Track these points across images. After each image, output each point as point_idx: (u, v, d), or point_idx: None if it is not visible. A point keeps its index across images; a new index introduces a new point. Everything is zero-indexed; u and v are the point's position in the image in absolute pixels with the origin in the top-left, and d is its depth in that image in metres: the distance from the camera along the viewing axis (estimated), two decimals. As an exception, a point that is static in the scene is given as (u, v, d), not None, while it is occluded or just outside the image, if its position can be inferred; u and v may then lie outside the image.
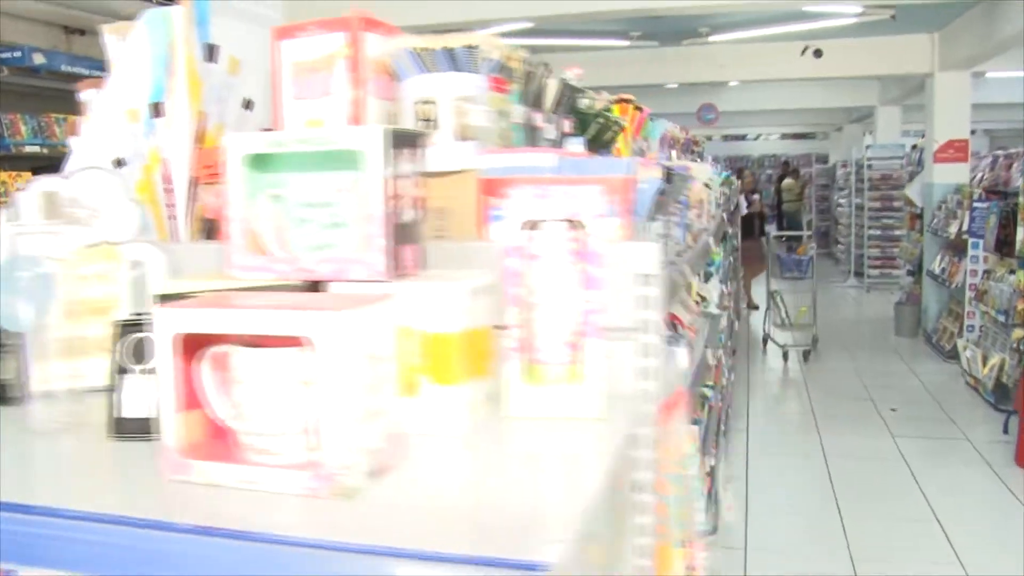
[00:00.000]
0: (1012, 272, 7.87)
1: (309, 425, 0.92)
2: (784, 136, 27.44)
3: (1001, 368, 7.47)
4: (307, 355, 0.90)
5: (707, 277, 4.13)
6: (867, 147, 14.76)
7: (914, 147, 11.89)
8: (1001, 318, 7.41)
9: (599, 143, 2.39)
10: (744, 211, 13.40)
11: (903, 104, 14.88)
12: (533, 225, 1.16)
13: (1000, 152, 10.83)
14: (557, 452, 1.11)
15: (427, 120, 1.41)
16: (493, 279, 1.19)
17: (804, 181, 21.73)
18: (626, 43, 9.98)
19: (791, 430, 7.24)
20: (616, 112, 2.94)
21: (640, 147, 3.40)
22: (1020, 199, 6.84)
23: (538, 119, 1.89)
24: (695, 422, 3.37)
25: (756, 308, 11.25)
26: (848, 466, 6.26)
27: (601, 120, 2.37)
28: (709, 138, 28.15)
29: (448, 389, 1.11)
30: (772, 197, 21.26)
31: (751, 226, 11.25)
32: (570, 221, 1.16)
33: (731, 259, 7.37)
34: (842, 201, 17.18)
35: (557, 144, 2.06)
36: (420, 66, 1.43)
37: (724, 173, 4.72)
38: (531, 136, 1.88)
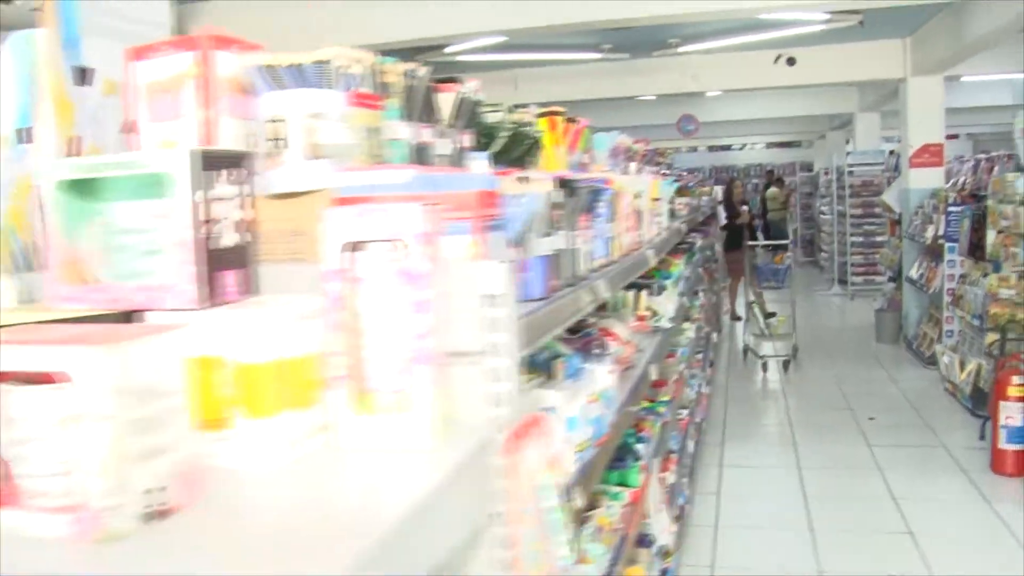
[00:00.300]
0: (987, 276, 7.84)
1: (73, 466, 0.86)
2: (769, 145, 27.48)
3: (978, 373, 7.42)
4: (68, 392, 0.84)
5: (660, 290, 4.07)
6: (847, 154, 14.77)
7: (891, 153, 11.89)
8: (976, 323, 7.37)
9: (510, 158, 2.34)
10: (723, 221, 13.39)
11: (881, 110, 14.91)
12: (355, 246, 1.10)
13: (982, 156, 10.85)
14: (365, 485, 1.05)
15: (277, 139, 1.36)
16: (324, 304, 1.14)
17: (789, 190, 21.73)
18: (597, 56, 9.96)
19: (767, 442, 7.18)
20: (543, 125, 2.89)
21: (579, 160, 3.35)
22: (990, 202, 6.81)
23: (426, 135, 1.83)
24: (639, 440, 3.31)
25: (739, 319, 11.16)
26: (823, 478, 6.20)
27: (509, 134, 2.31)
28: (694, 149, 28.24)
29: (262, 422, 1.05)
30: (758, 207, 21.24)
31: (739, 237, 11.20)
32: (398, 241, 1.11)
33: (701, 270, 7.33)
34: (824, 209, 17.17)
35: (456, 161, 2.01)
36: (269, 83, 1.38)
37: (677, 184, 4.65)
38: (420, 153, 1.82)
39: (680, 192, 5.78)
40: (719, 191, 14.06)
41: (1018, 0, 6.36)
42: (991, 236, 6.73)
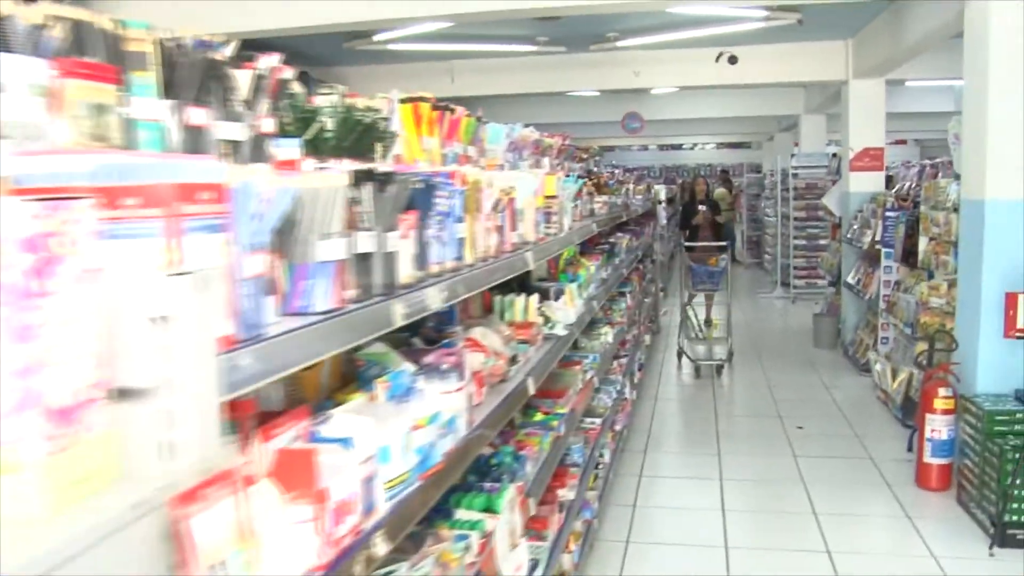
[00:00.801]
0: (920, 283, 7.67)
1: None
2: (720, 146, 27.43)
3: (909, 383, 7.24)
4: None
5: (558, 295, 3.78)
6: (792, 156, 14.63)
7: (833, 156, 11.75)
8: (908, 331, 7.19)
9: (343, 147, 2.02)
10: (663, 221, 13.18)
11: (826, 112, 14.79)
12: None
13: (927, 162, 10.72)
14: None
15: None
16: None
17: (737, 191, 21.64)
18: (533, 48, 9.66)
19: (691, 451, 6.94)
20: (405, 113, 2.58)
21: (460, 152, 3.05)
22: (923, 208, 6.62)
23: (199, 117, 1.51)
24: (517, 459, 3.01)
25: (710, 324, 10.53)
26: (744, 491, 5.97)
27: (340, 120, 2.00)
28: (645, 147, 28.12)
29: None
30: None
31: (716, 238, 10.77)
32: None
33: (626, 271, 7.07)
34: (769, 210, 17.05)
35: (254, 148, 1.68)
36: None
37: (580, 180, 4.35)
38: (191, 138, 1.50)
39: (600, 190, 5.50)
40: (662, 190, 13.87)
41: (954, 0, 6.18)
42: (923, 243, 6.54)
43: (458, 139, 3.01)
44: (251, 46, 1.84)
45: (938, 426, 5.66)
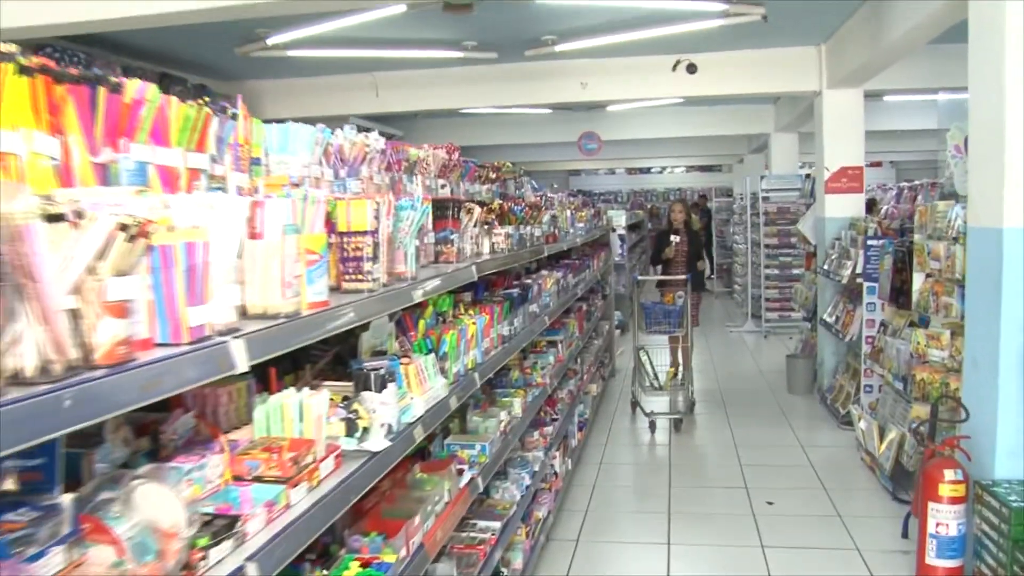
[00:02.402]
0: (912, 325, 6.42)
1: None
2: (689, 169, 26.30)
3: (900, 446, 5.98)
4: None
5: (383, 381, 2.47)
6: (762, 178, 13.43)
7: (807, 176, 10.54)
8: (899, 385, 5.92)
9: None
10: (617, 253, 11.89)
11: (799, 131, 13.64)
12: None
13: (904, 184, 9.56)
14: None
15: None
16: None
17: (707, 217, 20.47)
18: (459, 54, 8.39)
19: (634, 538, 5.60)
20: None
21: (185, 163, 1.74)
22: (916, 237, 5.36)
23: None
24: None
25: (676, 377, 8.85)
26: (698, 600, 4.66)
27: None
28: (612, 171, 26.93)
29: None
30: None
31: (700, 276, 9.46)
32: None
33: (573, 315, 5.78)
34: (738, 237, 15.84)
35: None
36: None
37: (425, 208, 3.02)
38: None
39: (501, 218, 4.20)
40: (620, 216, 12.61)
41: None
42: (918, 280, 5.28)
43: (175, 141, 1.70)
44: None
45: (945, 518, 4.37)
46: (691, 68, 9.17)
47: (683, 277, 8.30)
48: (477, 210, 3.74)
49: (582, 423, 7.16)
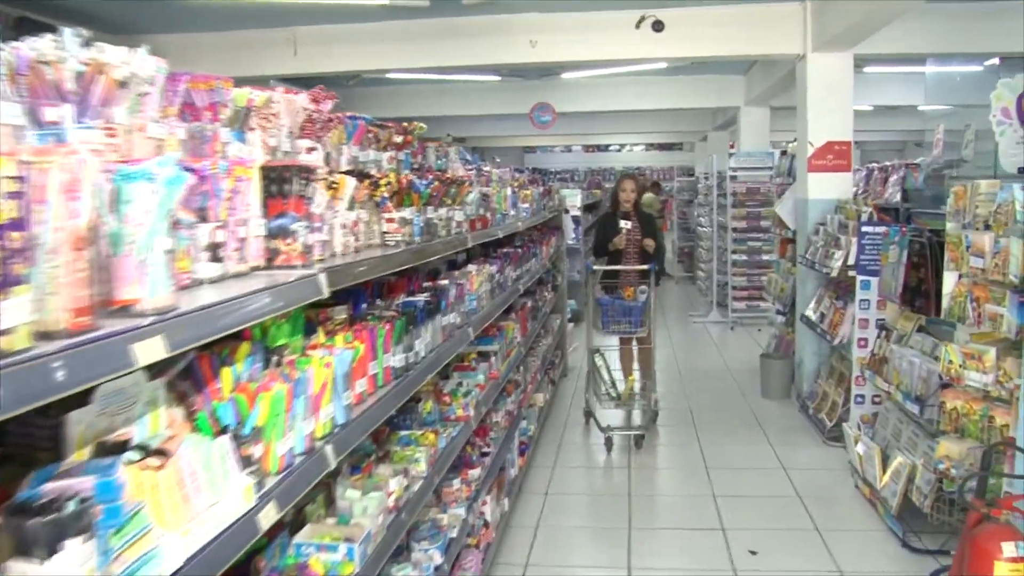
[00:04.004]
0: (920, 330, 5.29)
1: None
2: (649, 147, 25.16)
3: (910, 480, 4.85)
4: None
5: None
6: (730, 155, 12.25)
7: (784, 154, 9.39)
8: (913, 408, 4.77)
9: None
10: (571, 237, 10.69)
11: (771, 104, 12.50)
12: None
13: (874, 165, 8.46)
14: None
15: None
16: None
17: (667, 196, 19.36)
18: (385, 1, 7.08)
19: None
20: None
21: None
22: (949, 226, 4.18)
23: None
24: None
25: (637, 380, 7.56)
26: None
27: None
28: (568, 149, 25.71)
29: None
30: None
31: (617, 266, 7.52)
32: None
33: (513, 315, 4.54)
34: (703, 219, 14.70)
35: None
36: None
37: (174, 179, 1.74)
38: None
39: (399, 198, 2.94)
40: (573, 197, 11.38)
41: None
42: (949, 281, 4.11)
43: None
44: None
45: (1001, 608, 3.23)
46: (657, 26, 7.95)
47: (646, 267, 7.07)
48: (349, 185, 2.49)
49: (524, 445, 5.95)
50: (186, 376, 1.85)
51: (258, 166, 2.06)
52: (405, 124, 3.77)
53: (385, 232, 2.87)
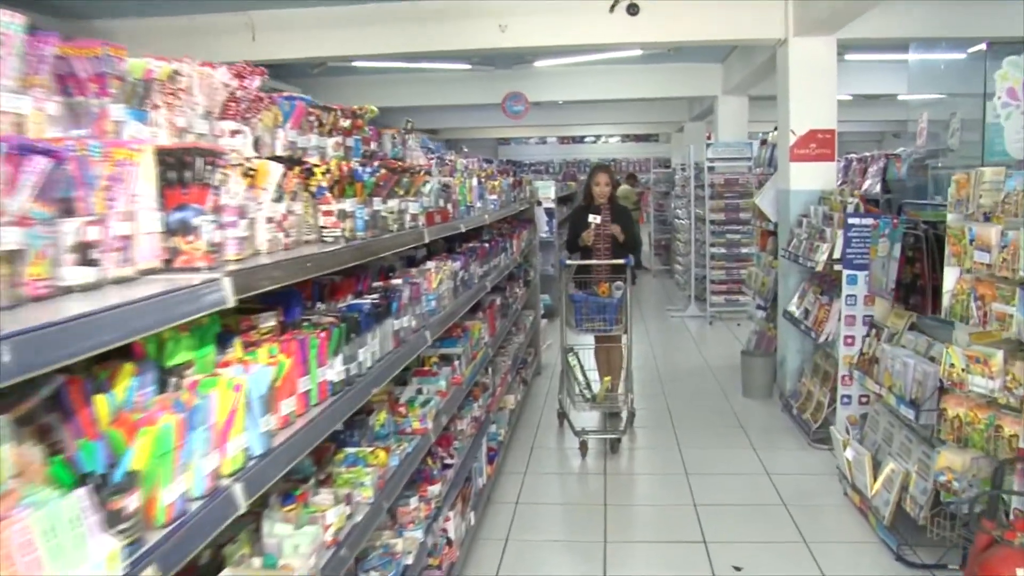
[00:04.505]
0: (913, 328, 4.97)
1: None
2: (625, 139, 24.84)
3: (904, 487, 4.54)
4: None
5: None
6: (707, 146, 11.93)
7: (763, 143, 9.08)
8: (908, 413, 4.46)
9: None
10: (543, 230, 10.34)
11: (749, 94, 12.19)
12: None
13: (852, 156, 8.17)
14: None
15: None
16: None
17: (642, 189, 19.06)
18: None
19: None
20: None
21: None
22: (950, 218, 3.85)
23: None
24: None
25: (611, 393, 6.92)
26: None
27: None
28: (543, 140, 25.34)
29: None
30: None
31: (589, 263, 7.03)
32: None
33: (481, 313, 4.18)
34: (680, 211, 14.38)
35: None
36: None
37: None
38: None
39: (340, 188, 2.57)
40: (547, 189, 11.02)
41: None
42: (950, 277, 3.79)
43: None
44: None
45: (1016, 640, 2.91)
46: (632, 9, 7.60)
47: (621, 262, 6.71)
48: (272, 173, 2.12)
49: (493, 452, 5.60)
50: (53, 406, 1.49)
51: (150, 149, 1.69)
52: (355, 108, 3.40)
53: (323, 227, 2.50)
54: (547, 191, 10.94)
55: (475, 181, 5.02)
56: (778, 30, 7.53)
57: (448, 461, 4.17)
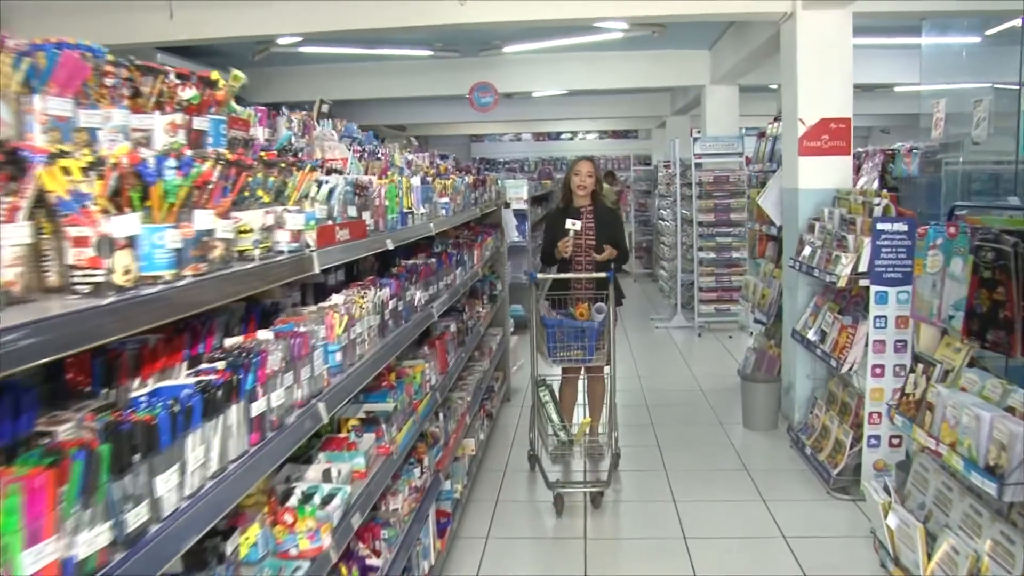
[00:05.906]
0: (972, 365, 3.88)
1: None
2: (603, 135, 23.73)
3: (972, 575, 3.47)
4: None
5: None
6: (694, 140, 10.83)
7: (761, 135, 7.98)
8: (986, 483, 3.36)
9: None
10: (513, 236, 9.22)
11: (739, 83, 11.11)
12: None
13: (859, 150, 7.13)
14: None
15: None
16: None
17: (621, 188, 17.98)
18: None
19: None
20: None
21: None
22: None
23: None
24: None
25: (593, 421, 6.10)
26: None
27: None
28: (518, 137, 24.19)
29: None
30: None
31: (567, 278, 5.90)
32: None
33: (436, 342, 3.05)
34: (664, 212, 13.29)
35: None
36: None
37: None
38: None
39: (122, 199, 1.43)
40: (518, 188, 9.90)
41: None
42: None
43: None
44: None
45: None
46: (613, -22, 6.49)
47: (603, 275, 5.57)
48: None
49: (446, 519, 4.46)
50: None
51: None
52: (211, 73, 2.26)
53: (73, 267, 1.36)
54: (518, 191, 9.80)
55: (416, 181, 3.88)
56: (783, 2, 6.45)
57: (372, 562, 3.04)
